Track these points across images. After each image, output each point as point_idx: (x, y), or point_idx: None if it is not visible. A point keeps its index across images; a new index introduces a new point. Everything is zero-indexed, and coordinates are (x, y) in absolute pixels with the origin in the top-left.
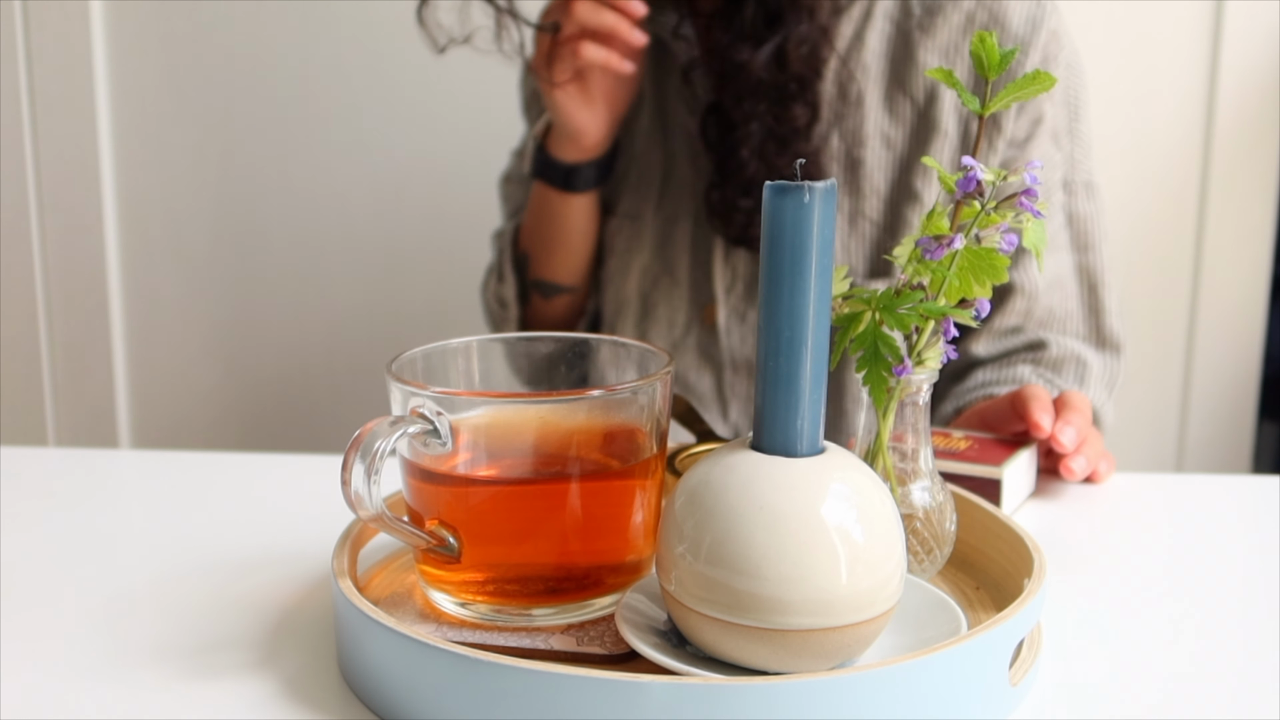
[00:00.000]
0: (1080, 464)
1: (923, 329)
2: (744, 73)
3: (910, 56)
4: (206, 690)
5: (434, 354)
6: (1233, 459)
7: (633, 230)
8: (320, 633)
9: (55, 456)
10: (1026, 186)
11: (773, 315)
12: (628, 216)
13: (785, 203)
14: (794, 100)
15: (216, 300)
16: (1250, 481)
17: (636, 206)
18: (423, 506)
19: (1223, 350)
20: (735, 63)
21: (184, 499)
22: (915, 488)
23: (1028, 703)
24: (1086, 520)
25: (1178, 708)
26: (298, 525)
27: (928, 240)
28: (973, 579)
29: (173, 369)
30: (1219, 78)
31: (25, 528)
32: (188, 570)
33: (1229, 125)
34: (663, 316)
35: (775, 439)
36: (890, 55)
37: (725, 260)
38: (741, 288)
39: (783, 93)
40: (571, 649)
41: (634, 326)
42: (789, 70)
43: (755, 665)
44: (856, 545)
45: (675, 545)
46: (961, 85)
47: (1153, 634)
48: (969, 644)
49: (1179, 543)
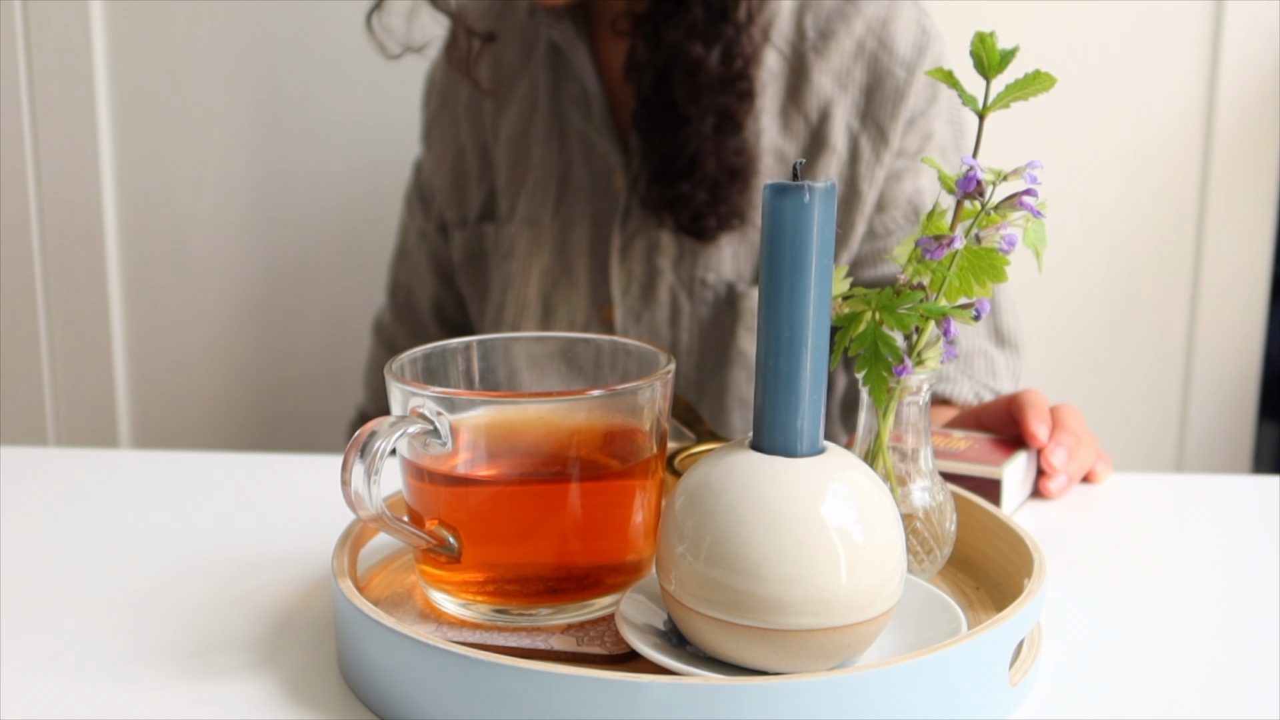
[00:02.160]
0: (1059, 484)
1: (923, 329)
2: (699, 68)
3: (805, 76)
4: (206, 690)
5: (434, 354)
6: (1233, 459)
7: (532, 234)
8: (320, 633)
9: (55, 456)
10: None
11: (773, 315)
12: (526, 222)
13: (785, 203)
14: (742, 95)
15: (216, 300)
16: (1250, 481)
17: (534, 211)
18: (423, 506)
19: (1223, 350)
20: (690, 58)
21: (184, 499)
22: (915, 488)
23: (1028, 703)
24: (1086, 520)
25: (1178, 708)
26: (298, 525)
27: (928, 240)
28: (973, 579)
29: (173, 369)
30: (1219, 78)
31: (25, 528)
32: (188, 570)
33: (1229, 125)
34: (563, 317)
35: (775, 439)
36: (786, 74)
37: (621, 263)
38: (637, 289)
39: (730, 87)
40: (571, 649)
41: (536, 327)
42: (733, 66)
43: (755, 665)
44: (856, 545)
45: (675, 545)
46: (961, 85)
47: (1153, 634)
48: (969, 644)
49: (1179, 543)
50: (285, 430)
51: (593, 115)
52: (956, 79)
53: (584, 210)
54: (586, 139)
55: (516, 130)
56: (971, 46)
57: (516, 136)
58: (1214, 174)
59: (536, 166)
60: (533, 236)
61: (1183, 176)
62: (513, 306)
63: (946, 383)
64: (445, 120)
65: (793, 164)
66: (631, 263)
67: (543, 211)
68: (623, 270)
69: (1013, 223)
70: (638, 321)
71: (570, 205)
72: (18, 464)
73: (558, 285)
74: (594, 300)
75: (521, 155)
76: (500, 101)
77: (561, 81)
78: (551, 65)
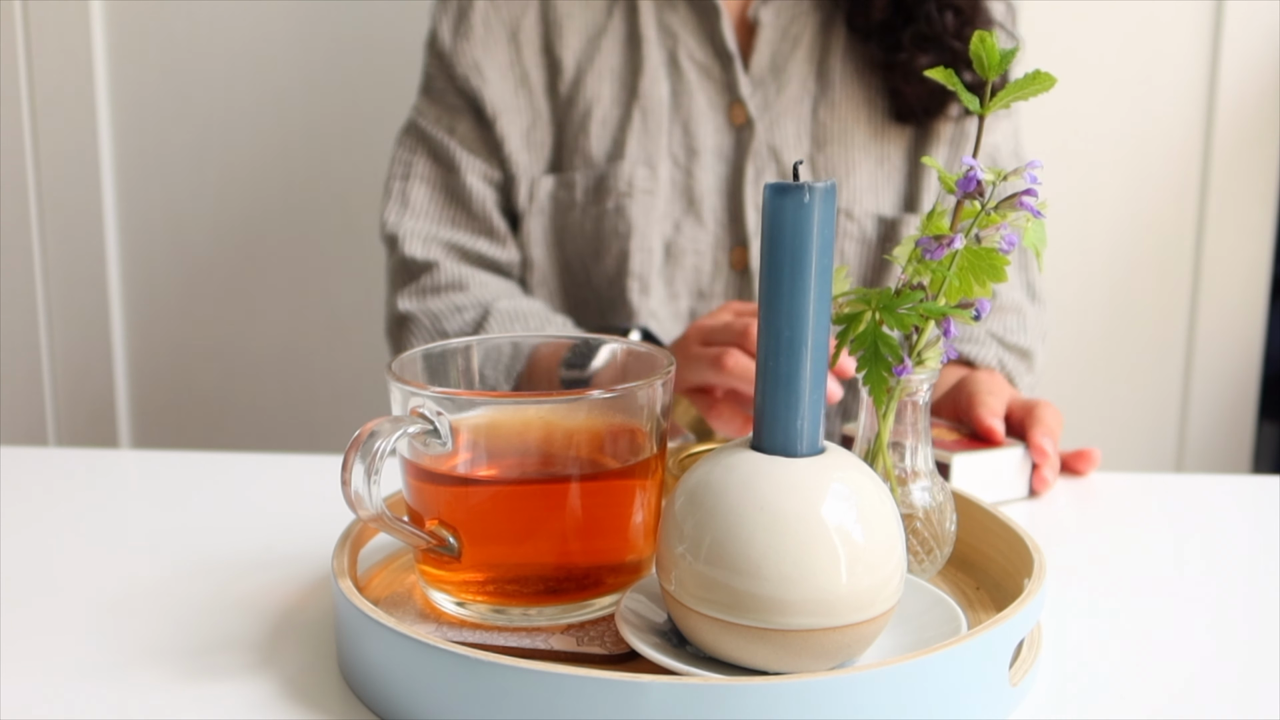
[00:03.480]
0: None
1: (923, 329)
2: None
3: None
4: (206, 690)
5: (434, 354)
6: (1233, 459)
7: (648, 174)
8: (320, 633)
9: (55, 456)
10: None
11: (773, 315)
12: (641, 162)
13: (785, 203)
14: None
15: (216, 300)
16: (1250, 481)
17: (649, 150)
18: (423, 506)
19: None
20: None
21: (184, 499)
22: (915, 488)
23: (1028, 703)
24: (1086, 520)
25: (1178, 708)
26: (298, 525)
27: (928, 240)
28: (973, 579)
29: (173, 369)
30: (1219, 77)
31: (25, 528)
32: (188, 570)
33: (1229, 125)
34: (689, 264)
35: (775, 439)
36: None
37: (753, 198)
38: None
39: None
40: (571, 649)
41: (659, 275)
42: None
43: (755, 665)
44: (856, 545)
45: (675, 545)
46: (961, 85)
47: (1153, 634)
48: (969, 644)
49: (1179, 543)
50: (285, 430)
51: (721, 37)
52: (957, 78)
53: (707, 144)
54: (704, 66)
55: (613, 61)
56: (971, 46)
57: (614, 67)
58: (1214, 174)
59: (644, 98)
60: (648, 175)
61: (1183, 176)
62: (638, 255)
63: (973, 344)
64: (501, 55)
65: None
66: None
67: (656, 149)
68: (755, 205)
69: (1013, 223)
70: None
71: (688, 140)
72: (18, 464)
73: (680, 229)
74: (723, 242)
75: (622, 89)
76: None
77: (666, 8)
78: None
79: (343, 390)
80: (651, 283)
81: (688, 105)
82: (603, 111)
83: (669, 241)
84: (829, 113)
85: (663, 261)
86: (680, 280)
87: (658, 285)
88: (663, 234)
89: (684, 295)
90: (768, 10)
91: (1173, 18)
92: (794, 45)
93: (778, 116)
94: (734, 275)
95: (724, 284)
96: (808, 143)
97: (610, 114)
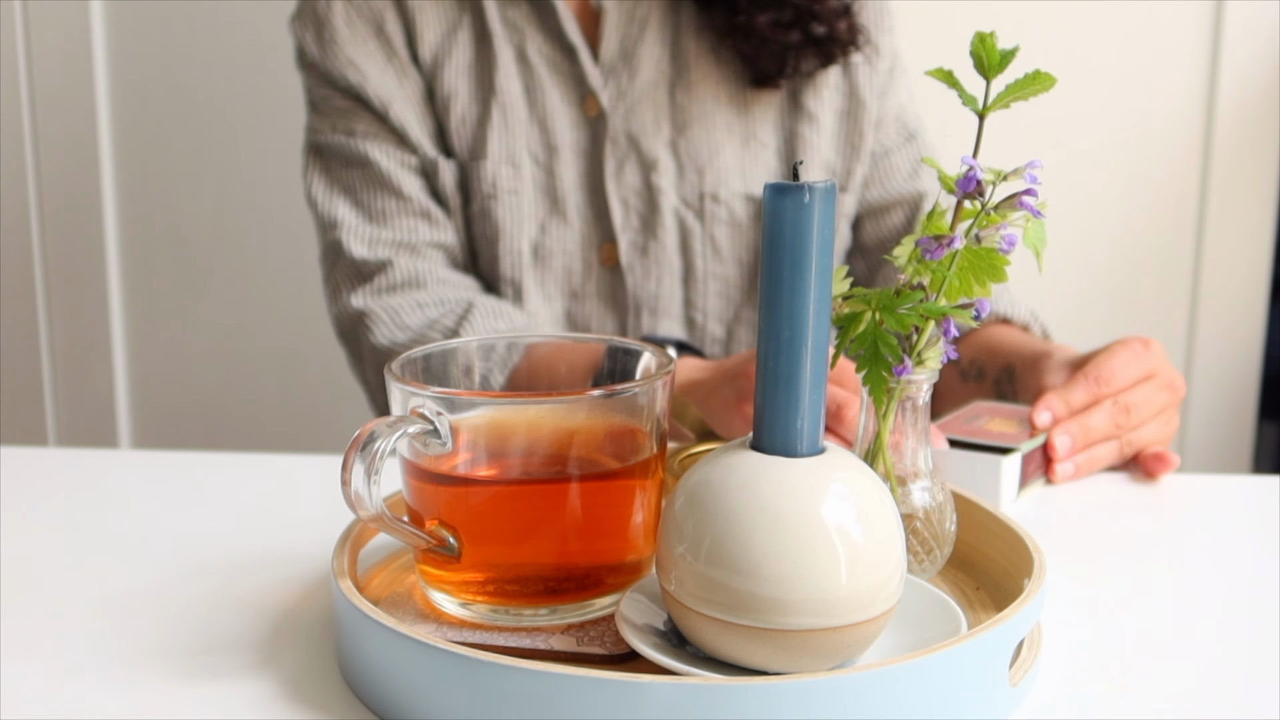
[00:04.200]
0: (1063, 470)
1: (923, 329)
2: None
3: None
4: (206, 690)
5: (434, 354)
6: (1233, 459)
7: (511, 174)
8: (320, 633)
9: (55, 456)
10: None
11: (773, 315)
12: (503, 161)
13: (785, 203)
14: None
15: (216, 300)
16: (1250, 481)
17: (510, 148)
18: (423, 506)
19: (1223, 350)
20: None
21: (184, 499)
22: (915, 488)
23: (1028, 703)
24: (1086, 520)
25: (1177, 708)
26: (298, 525)
27: (928, 240)
28: (973, 579)
29: (173, 369)
30: (1219, 77)
31: (25, 528)
32: (188, 570)
33: (1229, 125)
34: (558, 265)
35: (775, 439)
36: None
37: (618, 191)
38: (636, 220)
39: None
40: (571, 649)
41: (531, 278)
42: None
43: (755, 665)
44: (856, 545)
45: (675, 545)
46: (961, 85)
47: (1153, 634)
48: (969, 644)
49: (1179, 543)
50: (285, 430)
51: (561, 30)
52: (956, 79)
53: (565, 140)
54: (552, 60)
55: (467, 56)
56: (971, 46)
57: (469, 63)
58: (1214, 174)
59: (500, 94)
60: (512, 175)
61: (1183, 176)
62: (507, 259)
63: (1003, 301)
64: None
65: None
66: (625, 190)
67: (517, 147)
68: (618, 200)
69: (1013, 223)
70: (644, 255)
71: (545, 135)
72: (18, 464)
73: (546, 230)
74: (591, 240)
75: (479, 85)
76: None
77: (508, 3)
78: None
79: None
80: (525, 286)
81: (542, 101)
82: (461, 108)
83: (536, 243)
84: (686, 94)
85: (532, 264)
86: (552, 282)
87: (531, 288)
88: (530, 236)
89: (557, 297)
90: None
91: (1173, 18)
92: (642, 28)
93: (634, 104)
94: (605, 273)
95: (596, 283)
96: (667, 128)
97: (470, 111)
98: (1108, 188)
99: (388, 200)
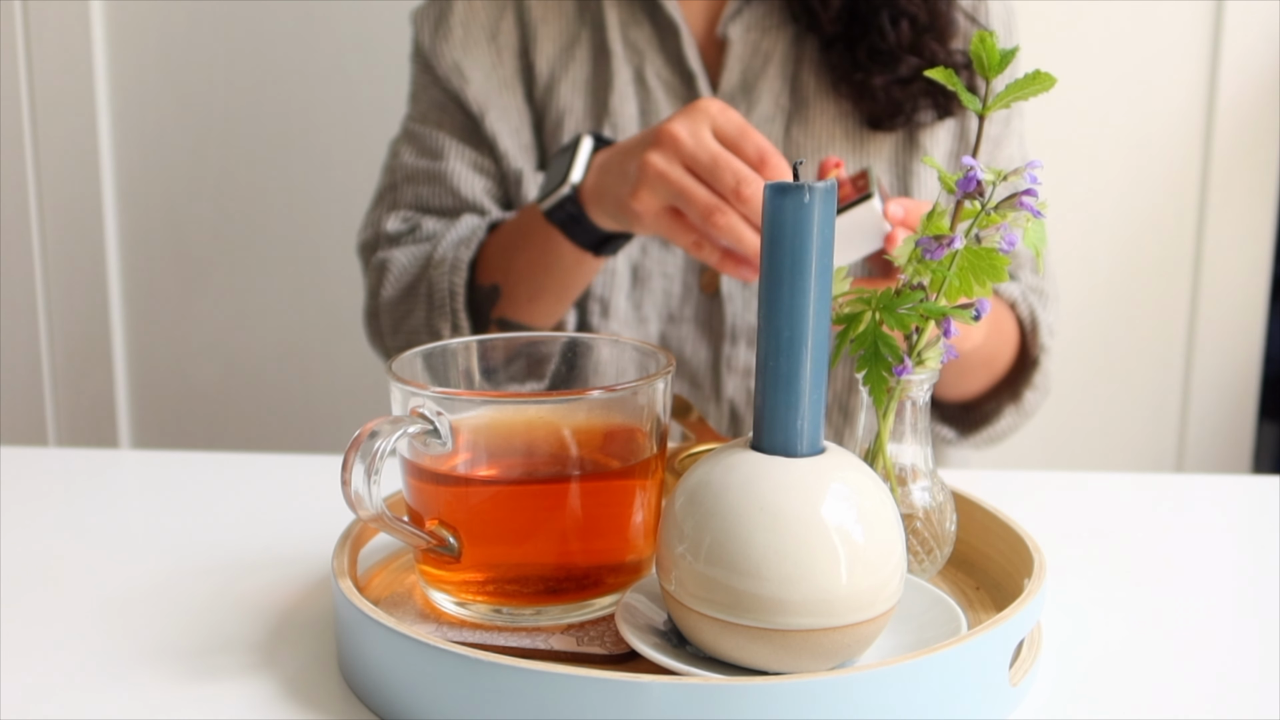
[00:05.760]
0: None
1: (923, 329)
2: None
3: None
4: (206, 690)
5: (434, 354)
6: (1233, 459)
7: None
8: (320, 633)
9: (55, 456)
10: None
11: (773, 315)
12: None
13: (785, 203)
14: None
15: (216, 300)
16: (1250, 481)
17: None
18: (423, 506)
19: (1223, 350)
20: None
21: (184, 499)
22: (915, 488)
23: (1028, 703)
24: (1086, 520)
25: (1177, 708)
26: (298, 525)
27: (928, 240)
28: (973, 579)
29: (173, 369)
30: (1219, 77)
31: (25, 528)
32: (188, 570)
33: (1229, 125)
34: (658, 287)
35: (775, 439)
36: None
37: None
38: None
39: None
40: (571, 649)
41: (626, 299)
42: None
43: (755, 665)
44: (856, 545)
45: (675, 545)
46: (961, 85)
47: (1152, 634)
48: (969, 644)
49: (1179, 543)
50: (285, 430)
51: (683, 56)
52: (957, 79)
53: None
54: (670, 85)
55: (584, 73)
56: (971, 46)
57: (585, 80)
58: (1214, 174)
59: (614, 115)
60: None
61: (1183, 176)
62: (600, 277)
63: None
64: (482, 56)
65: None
66: None
67: None
68: None
69: (1013, 223)
70: (746, 285)
71: None
72: (18, 464)
73: (648, 251)
74: (693, 264)
75: (593, 103)
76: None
77: (631, 24)
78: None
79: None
80: (616, 305)
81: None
82: (575, 123)
83: (636, 264)
84: (802, 130)
85: (630, 284)
86: (649, 304)
87: (624, 308)
88: (629, 256)
89: (653, 319)
90: (736, 27)
91: (1173, 17)
92: (765, 62)
93: None
94: (704, 299)
95: (694, 307)
96: None
97: (582, 127)
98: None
99: (445, 195)
